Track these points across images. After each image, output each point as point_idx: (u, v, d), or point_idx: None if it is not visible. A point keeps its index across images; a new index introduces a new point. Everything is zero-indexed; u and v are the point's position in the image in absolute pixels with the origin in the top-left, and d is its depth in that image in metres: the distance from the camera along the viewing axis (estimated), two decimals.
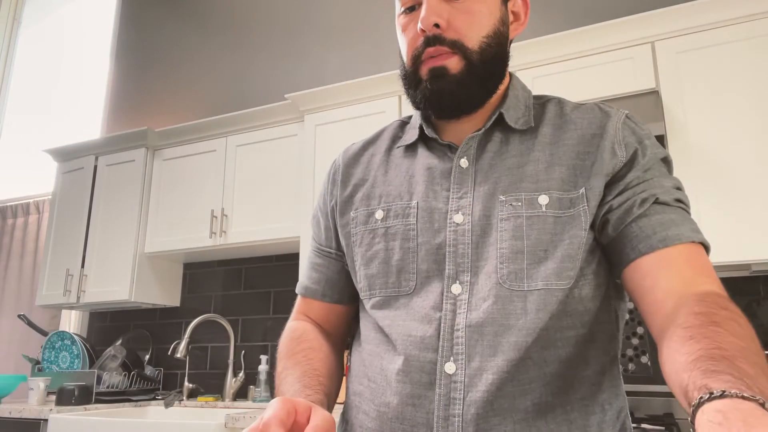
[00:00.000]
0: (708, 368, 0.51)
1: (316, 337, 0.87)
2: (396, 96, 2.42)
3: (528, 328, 0.69)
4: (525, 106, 0.83)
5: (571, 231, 0.72)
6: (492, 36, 0.79)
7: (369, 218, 0.83)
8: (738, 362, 0.51)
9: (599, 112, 0.80)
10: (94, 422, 2.11)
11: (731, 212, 1.82)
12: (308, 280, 0.93)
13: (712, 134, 1.89)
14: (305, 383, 0.75)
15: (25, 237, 3.65)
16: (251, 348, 2.86)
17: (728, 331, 0.56)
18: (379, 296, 0.79)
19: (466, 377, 0.69)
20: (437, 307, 0.73)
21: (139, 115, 3.60)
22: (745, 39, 1.92)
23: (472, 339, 0.70)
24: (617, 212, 0.73)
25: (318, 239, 0.94)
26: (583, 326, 0.71)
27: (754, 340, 0.57)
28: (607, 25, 2.09)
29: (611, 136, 0.76)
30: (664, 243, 0.70)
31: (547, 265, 0.71)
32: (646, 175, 0.74)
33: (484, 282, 0.72)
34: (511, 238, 0.72)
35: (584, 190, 0.74)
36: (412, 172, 0.83)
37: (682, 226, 0.71)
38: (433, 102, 0.78)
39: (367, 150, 0.91)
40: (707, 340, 0.55)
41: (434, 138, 0.83)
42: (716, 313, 0.59)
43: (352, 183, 0.88)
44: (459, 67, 0.76)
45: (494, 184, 0.76)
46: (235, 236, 2.67)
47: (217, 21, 3.51)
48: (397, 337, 0.75)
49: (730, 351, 0.53)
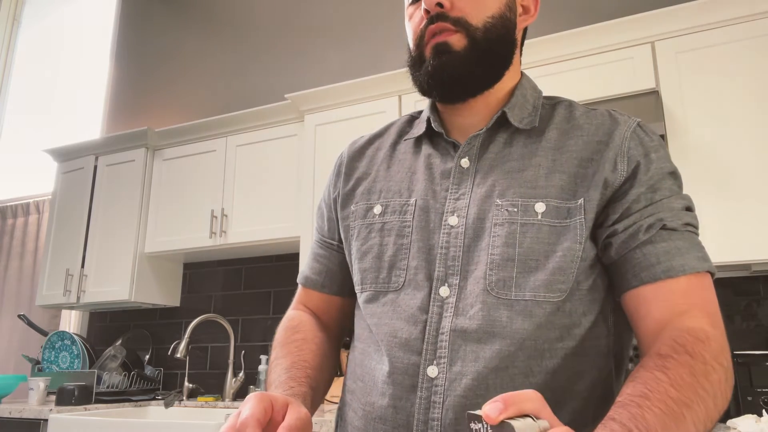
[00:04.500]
0: (611, 414, 0.55)
1: (311, 329, 0.87)
2: (396, 96, 2.42)
3: (512, 338, 0.68)
4: (533, 107, 0.81)
5: (566, 243, 0.70)
6: (497, 17, 0.77)
7: (367, 212, 0.83)
8: (647, 413, 0.54)
9: (609, 118, 0.78)
10: (94, 422, 2.11)
11: (731, 212, 1.82)
12: (309, 270, 0.93)
13: (712, 134, 1.89)
14: (292, 375, 0.75)
15: (25, 237, 3.65)
16: (251, 348, 2.86)
17: (669, 379, 0.58)
18: (370, 290, 0.79)
19: (446, 381, 0.68)
20: (424, 308, 0.73)
21: (139, 115, 3.60)
22: (745, 39, 1.92)
23: (455, 344, 0.69)
24: (622, 236, 0.71)
25: (321, 231, 0.93)
26: (572, 339, 0.70)
27: (695, 391, 0.58)
28: (607, 25, 2.09)
29: (616, 147, 0.74)
30: (667, 274, 0.68)
31: (537, 276, 0.69)
32: (655, 195, 0.71)
33: (472, 287, 0.71)
34: (503, 245, 0.71)
35: (583, 201, 0.72)
36: (415, 168, 0.83)
37: (687, 254, 0.69)
38: (436, 79, 0.77)
39: (373, 144, 0.91)
40: (641, 385, 0.58)
41: (440, 133, 0.82)
42: (673, 358, 0.61)
43: (355, 176, 0.88)
44: (462, 44, 0.75)
45: (492, 187, 0.75)
46: (235, 236, 2.67)
47: (217, 21, 3.51)
48: (383, 338, 0.74)
49: (652, 400, 0.56)
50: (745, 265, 1.86)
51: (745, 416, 1.60)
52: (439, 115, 0.85)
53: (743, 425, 1.55)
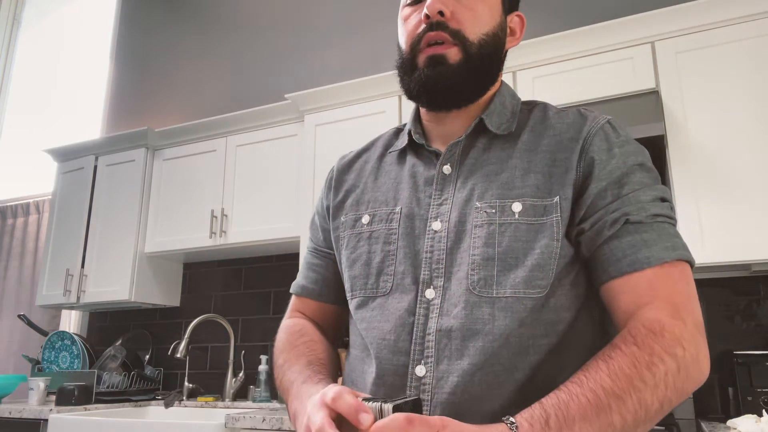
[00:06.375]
0: (543, 398, 0.61)
1: (315, 332, 0.89)
2: (396, 96, 2.42)
3: (494, 334, 0.69)
4: (511, 113, 0.84)
5: (543, 240, 0.72)
6: (491, 35, 0.80)
7: (356, 222, 0.86)
8: (572, 402, 0.60)
9: (578, 116, 0.80)
10: (94, 422, 2.11)
11: (731, 212, 1.81)
12: (305, 279, 0.94)
13: (712, 134, 1.89)
14: (315, 369, 0.78)
15: (25, 237, 3.65)
16: (251, 348, 2.86)
17: (608, 368, 0.62)
18: (359, 296, 0.81)
19: (434, 379, 0.70)
20: (411, 311, 0.75)
21: (139, 115, 3.60)
22: (745, 39, 1.92)
23: (441, 343, 0.71)
24: (589, 233, 0.73)
25: (316, 240, 0.95)
26: (556, 335, 0.71)
27: (631, 382, 0.61)
28: (607, 25, 2.08)
29: (582, 142, 0.76)
30: (633, 267, 0.70)
31: (516, 273, 0.71)
32: (622, 190, 0.73)
33: (456, 288, 0.73)
34: (483, 245, 0.73)
35: (558, 198, 0.74)
36: (400, 178, 0.85)
37: (654, 246, 0.70)
38: (427, 88, 0.79)
39: (361, 157, 0.94)
40: (581, 372, 0.64)
41: (422, 144, 0.85)
42: (620, 349, 0.64)
43: (344, 189, 0.91)
44: (457, 57, 0.78)
45: (471, 191, 0.77)
46: (235, 236, 2.67)
47: (216, 21, 3.51)
48: (372, 341, 0.76)
49: (583, 388, 0.61)
50: (745, 265, 1.85)
51: (745, 416, 1.60)
52: (422, 125, 0.88)
53: (743, 425, 1.55)
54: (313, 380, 0.74)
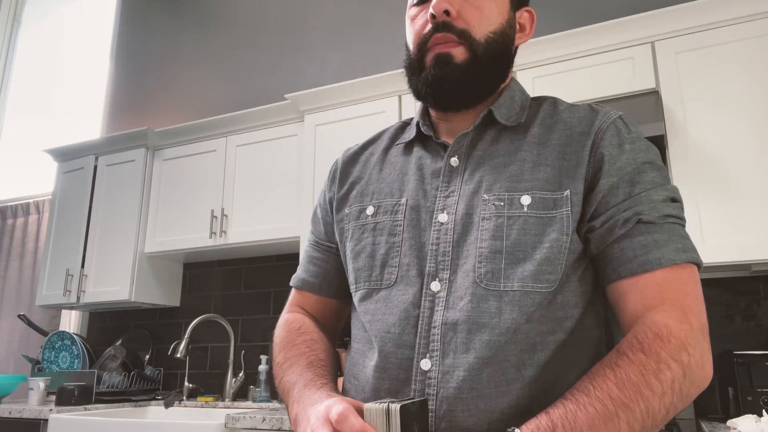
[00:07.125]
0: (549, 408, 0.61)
1: (315, 330, 0.88)
2: (396, 96, 2.42)
3: (501, 328, 0.69)
4: (520, 107, 0.83)
5: (553, 234, 0.71)
6: (498, 33, 0.79)
7: (361, 214, 0.85)
8: (579, 412, 0.59)
9: (590, 110, 0.80)
10: (94, 422, 2.11)
11: (731, 212, 1.81)
12: (306, 273, 0.94)
13: (712, 134, 1.89)
14: (317, 372, 0.77)
15: (25, 237, 3.65)
16: (251, 348, 2.86)
17: (615, 377, 0.61)
18: (363, 289, 0.80)
19: (439, 373, 0.69)
20: (416, 304, 0.74)
21: (139, 115, 3.60)
22: (745, 39, 1.92)
23: (446, 336, 0.70)
24: (600, 231, 0.72)
25: (318, 234, 0.95)
26: (563, 332, 0.71)
27: (639, 391, 0.60)
28: (607, 25, 2.08)
29: (593, 137, 0.75)
30: (643, 268, 0.69)
31: (525, 267, 0.70)
32: (634, 189, 0.72)
33: (462, 280, 0.72)
34: (491, 238, 0.72)
35: (569, 192, 0.73)
36: (406, 170, 0.85)
37: (665, 247, 0.69)
38: (434, 88, 0.79)
39: (367, 149, 0.93)
40: (588, 380, 0.63)
41: (429, 136, 0.84)
42: (627, 356, 0.63)
43: (350, 181, 0.90)
44: (464, 57, 0.77)
45: (479, 183, 0.77)
46: (235, 236, 2.67)
47: (216, 21, 3.51)
48: (376, 334, 0.75)
49: (591, 398, 0.60)
50: (745, 265, 1.85)
51: (745, 416, 1.60)
52: (430, 119, 0.87)
53: (743, 425, 1.55)
54: (316, 385, 0.73)
